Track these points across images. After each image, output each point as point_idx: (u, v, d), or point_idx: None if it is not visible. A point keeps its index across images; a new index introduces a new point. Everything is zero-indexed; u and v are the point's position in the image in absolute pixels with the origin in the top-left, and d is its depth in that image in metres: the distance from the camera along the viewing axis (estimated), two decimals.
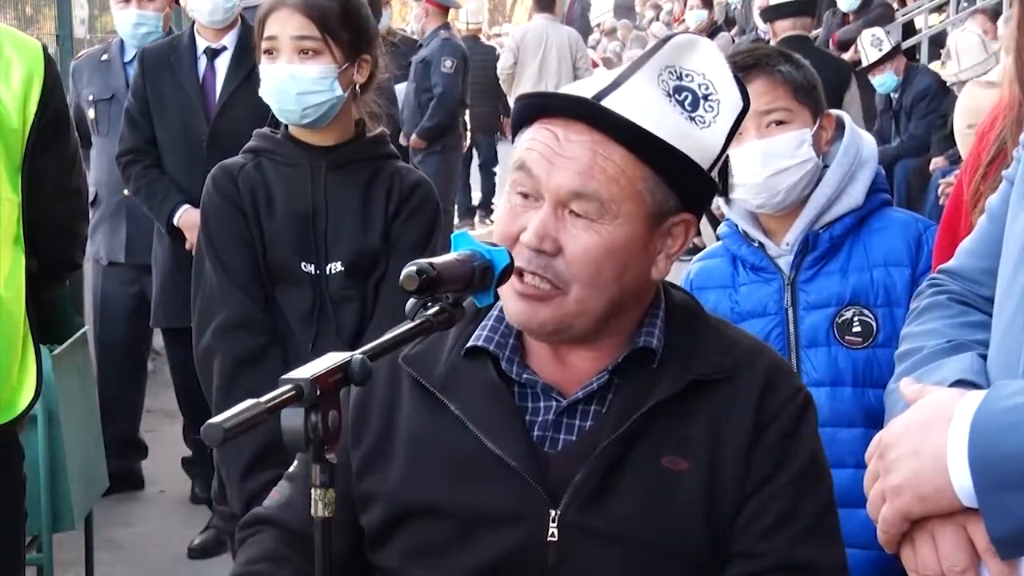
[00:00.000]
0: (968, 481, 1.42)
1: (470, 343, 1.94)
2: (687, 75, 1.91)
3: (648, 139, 1.84)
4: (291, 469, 2.03)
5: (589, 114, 1.85)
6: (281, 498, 2.00)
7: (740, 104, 1.92)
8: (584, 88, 1.90)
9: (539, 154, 1.86)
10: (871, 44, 9.59)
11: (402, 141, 9.11)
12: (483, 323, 1.95)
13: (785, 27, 7.66)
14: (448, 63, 9.75)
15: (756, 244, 2.80)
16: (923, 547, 1.50)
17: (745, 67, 2.72)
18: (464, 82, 10.09)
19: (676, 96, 1.89)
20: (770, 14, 7.83)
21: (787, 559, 1.86)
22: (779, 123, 2.72)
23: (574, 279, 1.85)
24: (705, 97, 1.90)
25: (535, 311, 1.86)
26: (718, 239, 2.90)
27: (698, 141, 1.88)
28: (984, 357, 1.62)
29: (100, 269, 5.86)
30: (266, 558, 1.96)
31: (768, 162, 2.70)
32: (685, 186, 1.89)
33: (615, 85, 1.87)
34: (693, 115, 1.89)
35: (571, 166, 1.84)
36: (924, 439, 1.46)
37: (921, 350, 1.67)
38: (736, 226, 2.83)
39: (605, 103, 1.85)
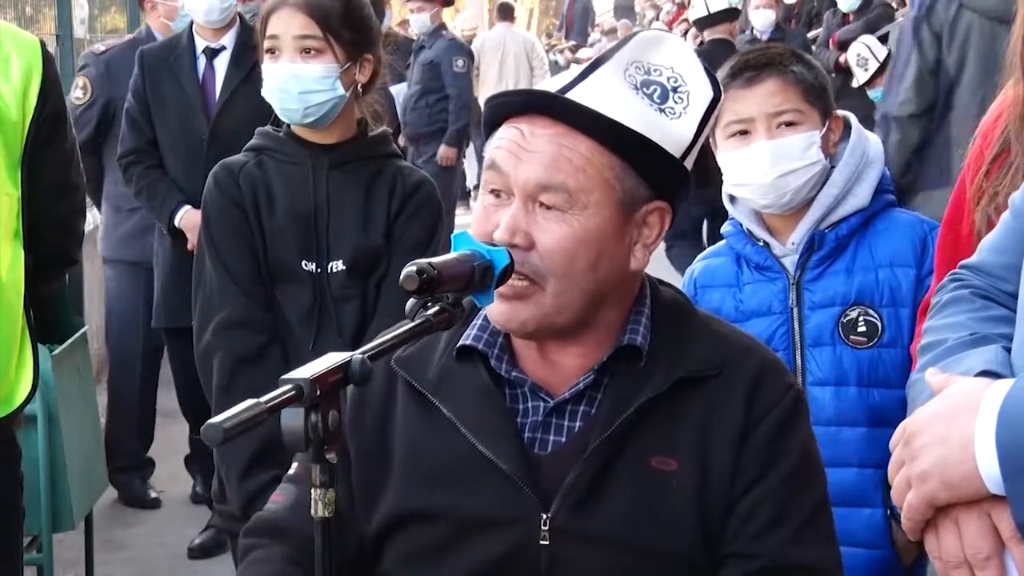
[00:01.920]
0: (995, 468, 1.42)
1: (460, 343, 1.93)
2: (655, 69, 1.91)
3: (611, 127, 1.85)
4: (292, 471, 2.01)
5: (551, 107, 1.87)
6: (287, 500, 1.97)
7: (711, 94, 1.92)
8: (551, 84, 1.92)
9: (506, 151, 1.87)
10: (856, 64, 9.59)
11: (401, 141, 9.10)
12: (472, 323, 1.95)
13: (712, 32, 8.45)
14: (460, 63, 9.70)
15: (761, 243, 2.79)
16: (947, 534, 1.49)
17: (757, 66, 2.71)
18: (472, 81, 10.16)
19: (644, 89, 1.90)
20: (703, 24, 8.51)
21: (780, 560, 1.85)
22: (789, 124, 2.71)
23: (550, 272, 1.84)
24: (674, 89, 1.91)
25: (516, 311, 1.85)
26: (722, 238, 2.89)
27: (669, 131, 1.89)
28: (1008, 351, 1.61)
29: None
30: None
31: (777, 163, 2.69)
32: (655, 174, 1.89)
33: (580, 79, 1.89)
34: (663, 107, 1.90)
35: (536, 159, 1.85)
36: (951, 427, 1.46)
37: (944, 342, 1.66)
38: (741, 225, 2.82)
39: (569, 96, 1.87)
